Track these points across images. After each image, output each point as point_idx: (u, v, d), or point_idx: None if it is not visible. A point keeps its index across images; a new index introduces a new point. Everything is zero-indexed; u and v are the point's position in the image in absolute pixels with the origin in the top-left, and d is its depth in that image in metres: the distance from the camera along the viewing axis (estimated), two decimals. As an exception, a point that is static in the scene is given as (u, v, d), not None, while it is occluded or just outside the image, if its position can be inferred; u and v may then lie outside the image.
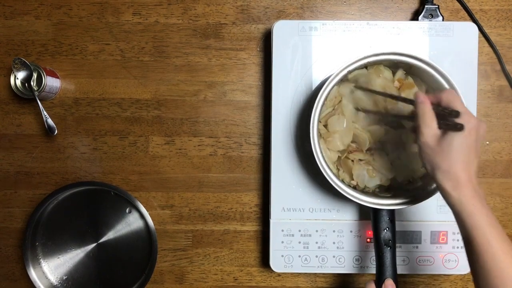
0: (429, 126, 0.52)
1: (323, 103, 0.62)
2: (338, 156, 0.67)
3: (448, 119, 0.52)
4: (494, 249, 0.48)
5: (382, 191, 0.66)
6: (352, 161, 0.66)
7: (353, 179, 0.66)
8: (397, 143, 0.66)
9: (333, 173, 0.62)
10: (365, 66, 0.64)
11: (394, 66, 0.65)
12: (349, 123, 0.66)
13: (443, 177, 0.52)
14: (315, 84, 0.70)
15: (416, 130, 0.54)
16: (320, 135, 0.65)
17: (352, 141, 0.66)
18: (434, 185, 0.62)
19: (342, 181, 0.64)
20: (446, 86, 0.61)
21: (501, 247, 0.48)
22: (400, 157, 0.66)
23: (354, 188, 0.65)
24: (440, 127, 0.53)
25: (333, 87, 0.62)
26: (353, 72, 0.63)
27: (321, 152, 0.62)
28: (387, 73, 0.66)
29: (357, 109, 0.66)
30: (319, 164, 0.62)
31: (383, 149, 0.66)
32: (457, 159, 0.51)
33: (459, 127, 0.51)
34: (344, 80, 0.64)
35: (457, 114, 0.52)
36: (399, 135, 0.66)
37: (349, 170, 0.66)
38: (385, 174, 0.66)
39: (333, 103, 0.66)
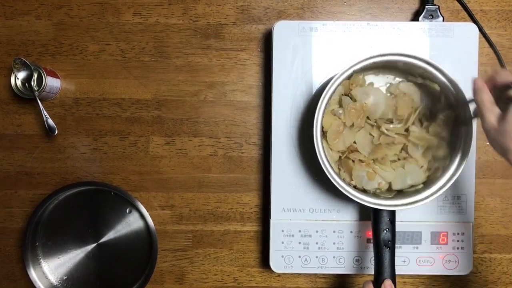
0: (491, 110, 0.52)
1: (327, 103, 0.62)
2: (339, 156, 0.67)
3: (508, 96, 0.51)
4: None
5: (383, 191, 0.66)
6: (353, 161, 0.66)
7: (352, 180, 0.66)
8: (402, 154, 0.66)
9: (335, 173, 0.62)
10: (349, 77, 0.64)
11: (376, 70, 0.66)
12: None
13: None
14: (315, 85, 0.70)
15: (480, 118, 0.53)
16: (322, 134, 0.65)
17: (355, 141, 0.67)
18: (435, 188, 0.62)
19: (343, 180, 0.64)
20: (450, 87, 0.61)
21: None
22: (403, 166, 0.66)
23: (355, 188, 0.65)
24: (502, 108, 0.52)
25: (337, 86, 0.62)
26: (338, 86, 0.63)
27: (324, 152, 0.62)
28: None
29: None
30: (322, 163, 0.61)
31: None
32: None
33: None
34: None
35: None
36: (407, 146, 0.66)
37: (349, 170, 0.66)
38: (385, 179, 0.66)
39: (337, 101, 0.66)
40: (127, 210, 0.75)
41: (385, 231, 0.62)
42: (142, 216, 0.74)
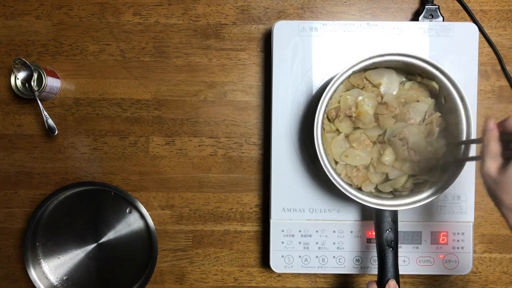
0: (493, 157, 0.49)
1: (328, 103, 0.62)
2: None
3: None
4: None
5: (381, 192, 0.67)
6: None
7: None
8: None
9: (336, 173, 0.62)
10: (349, 77, 0.64)
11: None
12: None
13: (508, 212, 0.49)
14: (315, 84, 0.70)
15: (480, 160, 0.51)
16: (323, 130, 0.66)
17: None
18: (435, 188, 0.62)
19: (343, 180, 0.64)
20: (450, 87, 0.61)
21: None
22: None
23: (360, 189, 0.65)
24: (505, 157, 0.50)
25: (337, 87, 0.62)
26: (338, 86, 0.63)
27: (324, 152, 0.62)
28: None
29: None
30: (322, 163, 0.61)
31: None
32: None
33: None
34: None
35: None
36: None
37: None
38: (371, 179, 0.67)
39: (338, 100, 0.67)
40: (127, 210, 0.75)
41: (388, 231, 0.62)
42: (142, 216, 0.74)
